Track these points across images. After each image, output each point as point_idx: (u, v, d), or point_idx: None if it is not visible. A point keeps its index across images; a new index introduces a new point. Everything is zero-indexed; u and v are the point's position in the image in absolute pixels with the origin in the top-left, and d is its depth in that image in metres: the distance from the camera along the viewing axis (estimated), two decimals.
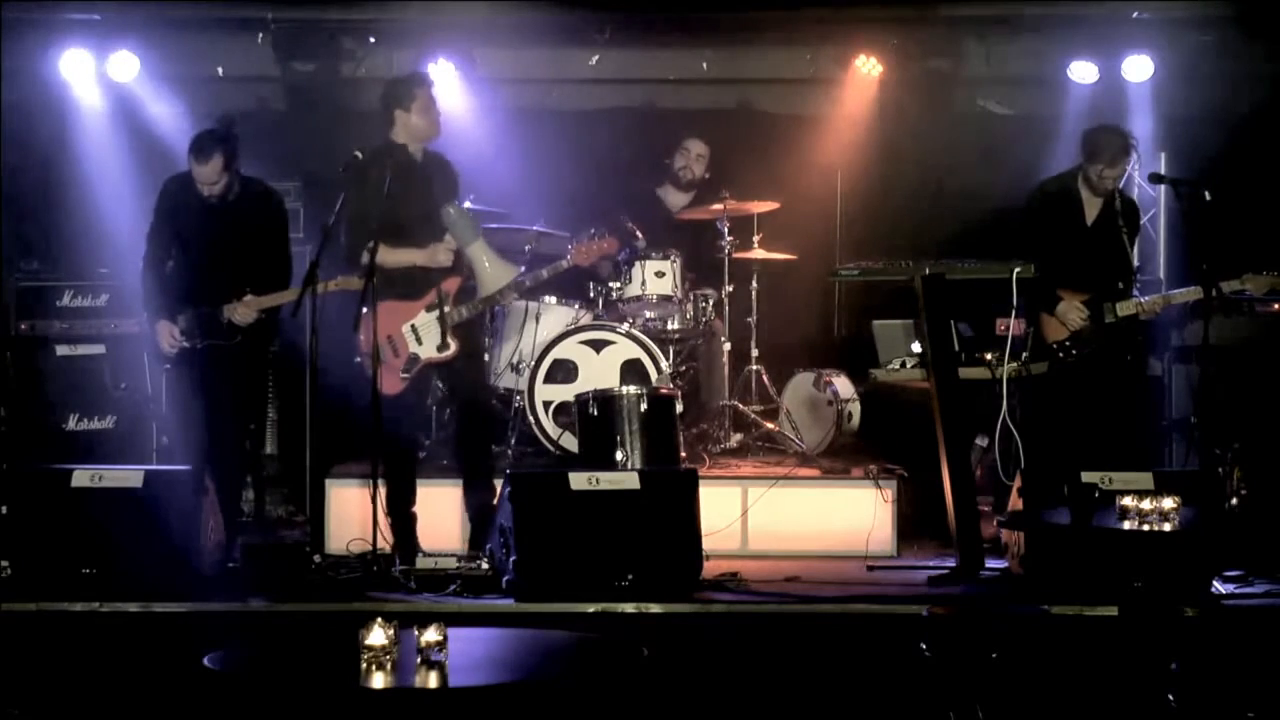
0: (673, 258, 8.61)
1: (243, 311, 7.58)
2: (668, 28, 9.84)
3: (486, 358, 8.39)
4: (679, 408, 7.96)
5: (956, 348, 7.40)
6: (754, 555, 7.70)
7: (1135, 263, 8.00)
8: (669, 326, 8.71)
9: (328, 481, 7.82)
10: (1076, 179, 7.81)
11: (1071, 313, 7.69)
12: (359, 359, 7.34)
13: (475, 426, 7.65)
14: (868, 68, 9.79)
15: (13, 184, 9.06)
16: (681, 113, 10.11)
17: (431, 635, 4.40)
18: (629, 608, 6.64)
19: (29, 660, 6.30)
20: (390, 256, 7.30)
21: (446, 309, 7.37)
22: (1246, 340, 8.45)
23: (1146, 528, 5.53)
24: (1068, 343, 7.67)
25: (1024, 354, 7.52)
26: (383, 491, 7.27)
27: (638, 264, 8.56)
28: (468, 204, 8.03)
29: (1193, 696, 5.61)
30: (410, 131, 7.41)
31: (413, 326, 7.40)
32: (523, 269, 7.56)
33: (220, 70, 9.80)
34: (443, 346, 7.38)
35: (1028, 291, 7.46)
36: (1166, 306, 7.80)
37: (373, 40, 9.76)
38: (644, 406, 7.69)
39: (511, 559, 6.80)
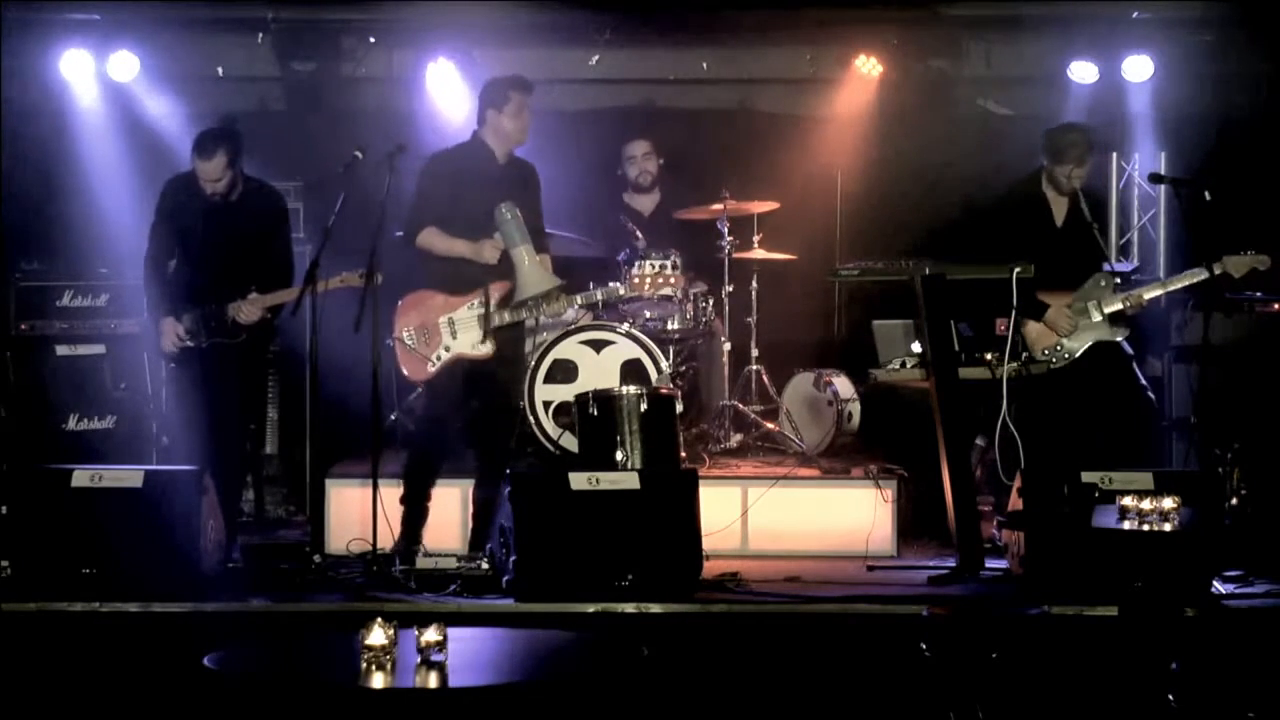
0: (673, 258, 8.60)
1: (248, 310, 7.59)
2: (668, 28, 9.83)
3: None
4: (679, 408, 7.95)
5: (956, 348, 7.40)
6: (754, 555, 7.70)
7: (1133, 262, 7.99)
8: (669, 326, 8.71)
9: (328, 481, 7.81)
10: (1040, 182, 7.78)
11: (1060, 318, 7.68)
12: (390, 341, 7.38)
13: (499, 430, 7.64)
14: (868, 68, 9.78)
15: (13, 184, 9.04)
16: (681, 113, 10.11)
17: (431, 635, 4.41)
18: (629, 608, 6.64)
19: (29, 660, 6.30)
20: (439, 242, 7.37)
21: (491, 310, 7.37)
22: (1246, 340, 8.44)
23: (1146, 528, 5.53)
24: (1058, 348, 7.67)
25: (1024, 354, 7.53)
26: (396, 487, 7.36)
27: (638, 264, 8.55)
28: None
29: (1193, 696, 5.61)
30: (498, 133, 7.46)
31: (450, 319, 7.40)
32: (562, 282, 7.52)
33: (220, 70, 9.80)
34: (479, 345, 7.39)
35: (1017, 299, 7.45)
36: (1153, 300, 7.79)
37: (373, 40, 9.77)
38: (644, 406, 7.68)
39: (511, 559, 6.81)
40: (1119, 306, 7.69)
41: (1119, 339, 7.70)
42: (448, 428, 7.67)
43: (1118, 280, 7.80)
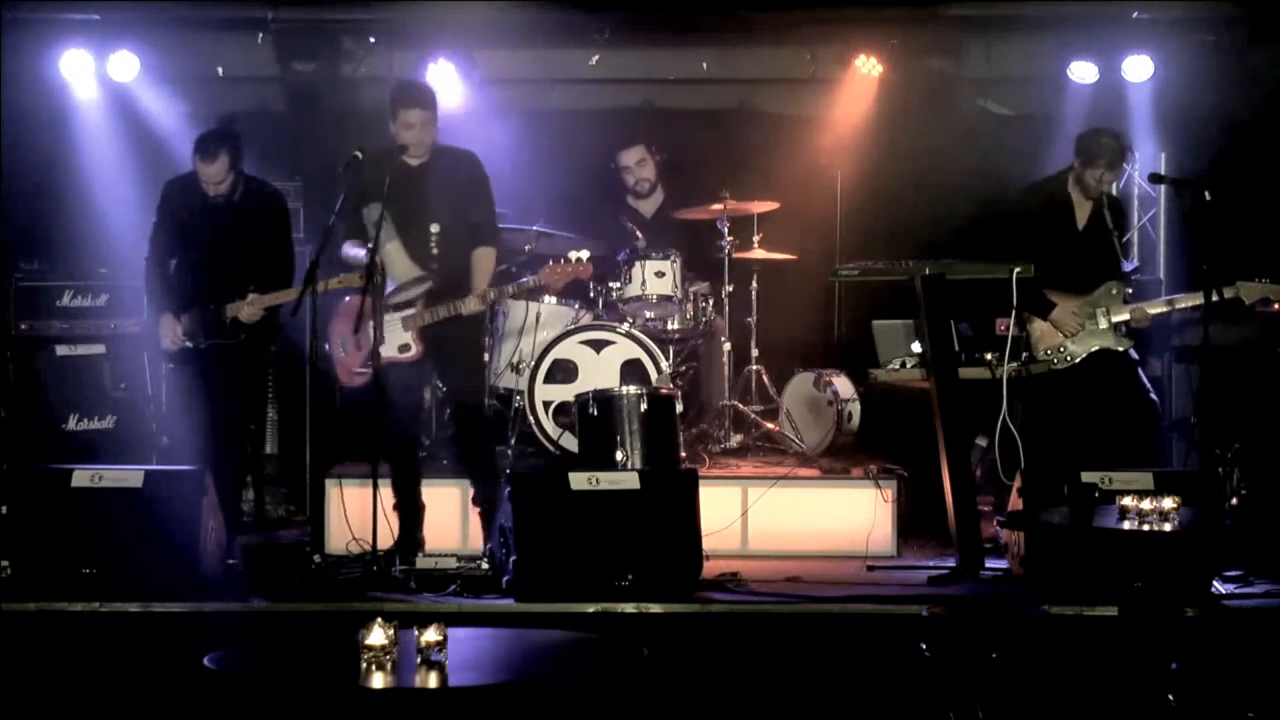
0: (673, 258, 8.60)
1: (248, 310, 7.60)
2: (668, 28, 9.83)
3: (487, 358, 8.36)
4: (679, 408, 7.96)
5: (956, 348, 7.41)
6: (754, 555, 7.70)
7: (1133, 262, 7.98)
8: (669, 326, 8.71)
9: (328, 481, 7.82)
10: (1067, 182, 7.78)
11: (1068, 318, 7.68)
12: (326, 345, 7.41)
13: (470, 429, 7.70)
14: (868, 68, 9.78)
15: (13, 184, 9.05)
16: (681, 113, 10.11)
17: (431, 635, 4.40)
18: (629, 608, 6.64)
19: (29, 660, 6.30)
20: (349, 251, 7.44)
21: (412, 311, 7.39)
22: (1247, 341, 8.44)
23: (1146, 528, 5.53)
24: (1061, 349, 7.67)
25: (1024, 354, 7.53)
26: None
27: (638, 264, 8.55)
28: None
29: (1193, 696, 5.61)
30: (398, 140, 7.44)
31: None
32: (423, 274, 7.44)
33: (220, 70, 9.79)
34: (404, 347, 7.42)
35: (1022, 297, 7.44)
36: (1158, 315, 7.79)
37: (373, 40, 9.76)
38: (644, 406, 7.69)
39: (511, 559, 6.81)
40: (1126, 317, 7.70)
41: (1123, 349, 7.70)
42: (406, 432, 7.68)
43: (1129, 290, 7.80)
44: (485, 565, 7.10)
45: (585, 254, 7.81)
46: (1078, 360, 7.70)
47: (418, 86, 7.80)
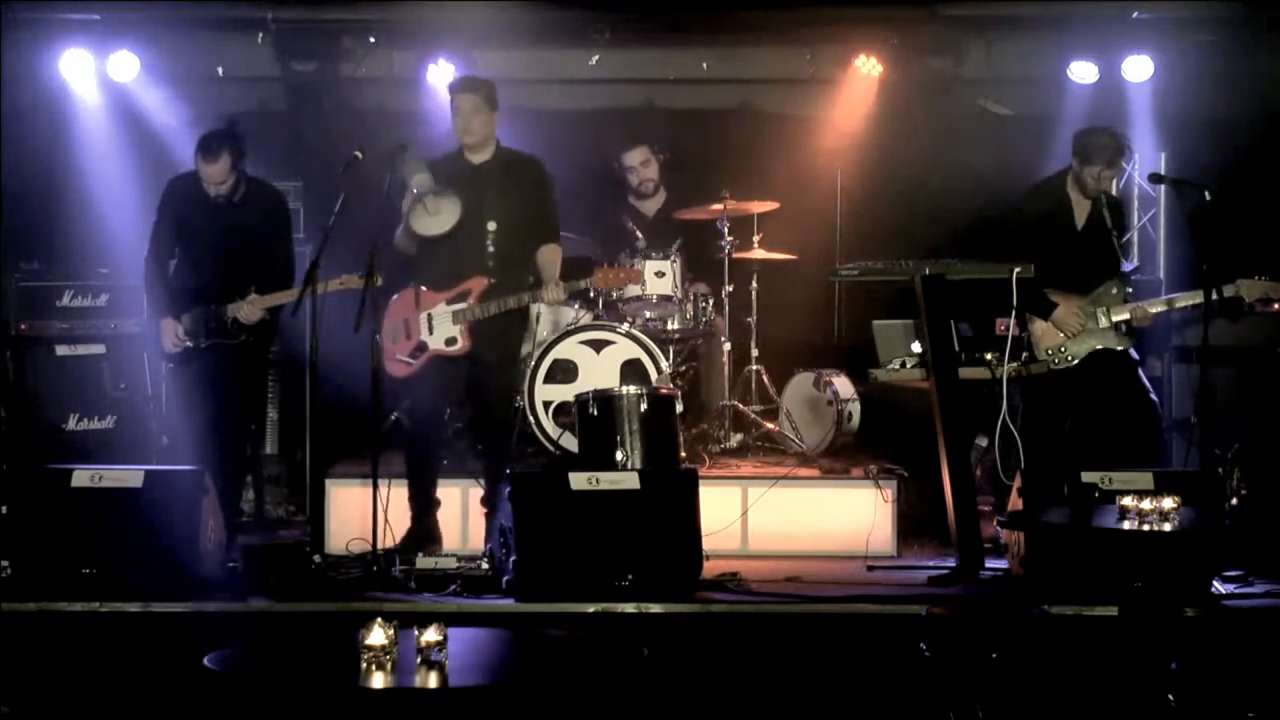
0: (673, 258, 8.60)
1: (248, 310, 7.61)
2: (668, 28, 9.83)
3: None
4: (679, 408, 7.96)
5: (956, 348, 7.41)
6: (754, 555, 7.70)
7: (1132, 262, 7.98)
8: (669, 326, 8.71)
9: (328, 481, 7.82)
10: (1065, 182, 7.78)
11: (1069, 318, 7.68)
12: (378, 336, 7.38)
13: (496, 430, 7.67)
14: (868, 68, 9.78)
15: (13, 184, 9.04)
16: (681, 113, 10.11)
17: (431, 635, 4.40)
18: (629, 608, 6.64)
19: (29, 660, 6.30)
20: (400, 240, 7.55)
21: (464, 305, 7.39)
22: (1247, 341, 8.44)
23: (1146, 528, 5.53)
24: (1062, 349, 7.67)
25: (1024, 354, 7.53)
26: (398, 488, 7.41)
27: (638, 264, 8.55)
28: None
29: (1193, 696, 5.62)
30: (454, 130, 7.53)
31: (429, 315, 7.45)
32: (444, 189, 7.49)
33: (220, 70, 9.80)
34: (451, 341, 7.42)
35: (1022, 297, 7.45)
36: (1166, 312, 7.80)
37: (373, 40, 9.76)
38: (644, 406, 7.68)
39: (511, 559, 6.81)
40: (1126, 316, 7.70)
41: (1123, 348, 7.70)
42: (434, 426, 7.69)
43: (1129, 290, 7.80)
44: (485, 565, 7.10)
45: (638, 261, 8.07)
46: (1078, 360, 7.70)
47: (473, 76, 7.99)
